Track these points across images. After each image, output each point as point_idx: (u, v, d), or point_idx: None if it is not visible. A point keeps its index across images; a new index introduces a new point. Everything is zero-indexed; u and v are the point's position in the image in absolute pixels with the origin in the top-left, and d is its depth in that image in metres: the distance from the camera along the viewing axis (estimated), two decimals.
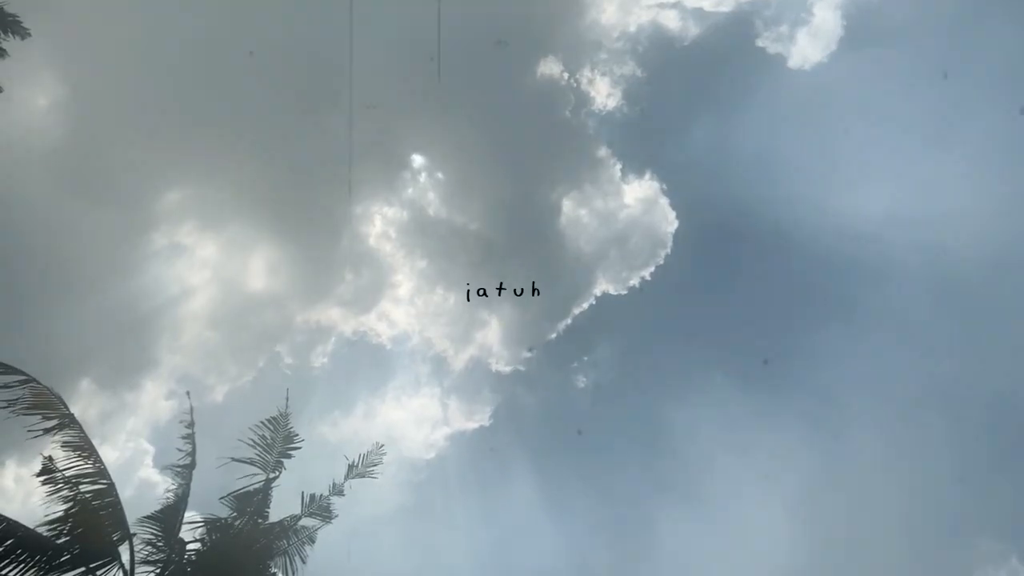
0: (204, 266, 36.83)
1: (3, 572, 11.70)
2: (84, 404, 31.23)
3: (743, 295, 44.05)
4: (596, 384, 42.92)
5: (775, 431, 38.73)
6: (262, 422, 14.81)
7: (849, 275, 41.68)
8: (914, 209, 38.24)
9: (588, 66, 42.15)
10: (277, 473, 14.72)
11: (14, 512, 12.29)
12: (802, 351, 42.03)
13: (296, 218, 37.97)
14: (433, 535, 37.68)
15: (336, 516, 15.11)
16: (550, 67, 40.26)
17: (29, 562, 12.01)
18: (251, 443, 14.69)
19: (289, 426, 15.03)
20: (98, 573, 12.82)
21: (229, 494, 14.44)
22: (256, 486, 14.68)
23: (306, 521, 15.08)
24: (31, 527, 12.32)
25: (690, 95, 45.20)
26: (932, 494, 36.63)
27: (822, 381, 40.84)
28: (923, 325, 39.89)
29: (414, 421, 41.49)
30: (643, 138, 45.07)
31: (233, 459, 14.40)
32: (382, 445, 15.82)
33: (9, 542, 11.89)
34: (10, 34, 19.82)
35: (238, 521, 14.19)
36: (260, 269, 38.57)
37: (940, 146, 39.23)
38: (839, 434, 39.23)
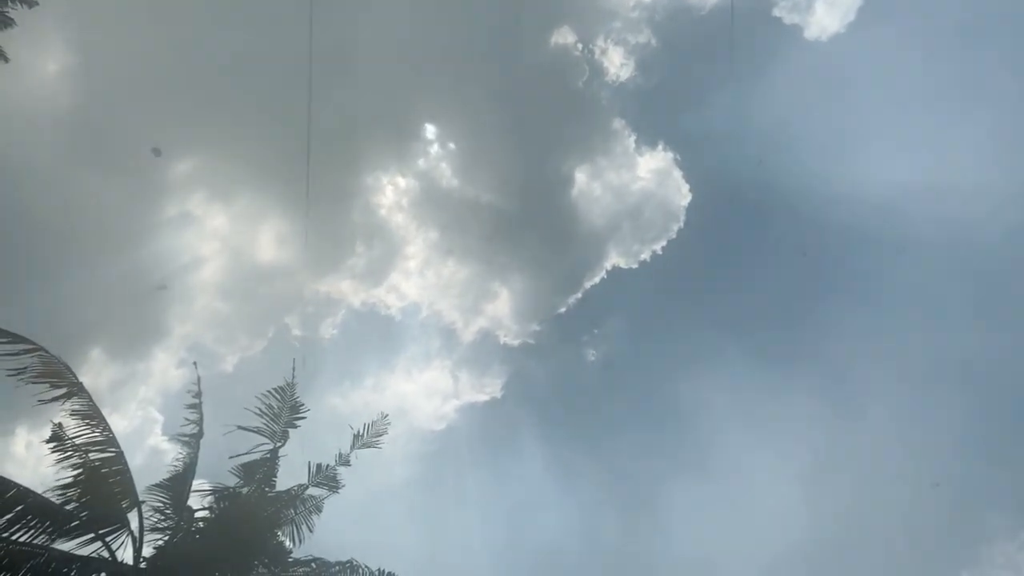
0: (214, 236, 36.88)
1: (14, 537, 11.85)
2: (95, 373, 31.49)
3: (757, 270, 43.72)
4: (606, 357, 42.90)
5: (788, 405, 38.67)
6: (269, 391, 14.86)
7: (866, 248, 41.29)
8: (932, 182, 37.68)
9: (602, 36, 41.60)
10: (282, 442, 14.79)
11: (25, 479, 12.48)
12: (817, 325, 41.78)
13: (306, 189, 37.84)
14: (443, 506, 38.00)
15: (343, 486, 15.21)
16: (564, 36, 39.72)
17: (39, 528, 12.17)
18: (258, 412, 14.74)
19: (295, 396, 15.08)
20: (107, 539, 12.97)
21: (236, 455, 14.51)
22: (264, 455, 14.76)
23: (313, 491, 15.19)
24: (41, 493, 12.47)
25: (705, 66, 44.56)
26: (944, 468, 36.55)
27: (836, 355, 40.64)
28: (939, 298, 39.55)
29: (424, 393, 41.67)
30: (657, 110, 44.59)
31: (239, 427, 14.47)
32: (387, 415, 15.88)
33: (19, 508, 12.05)
34: (18, 3, 19.74)
35: (245, 490, 14.29)
36: (270, 240, 38.60)
37: (959, 118, 38.58)
38: (852, 408, 39.11)
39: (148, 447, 31.34)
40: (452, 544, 36.29)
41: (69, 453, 13.10)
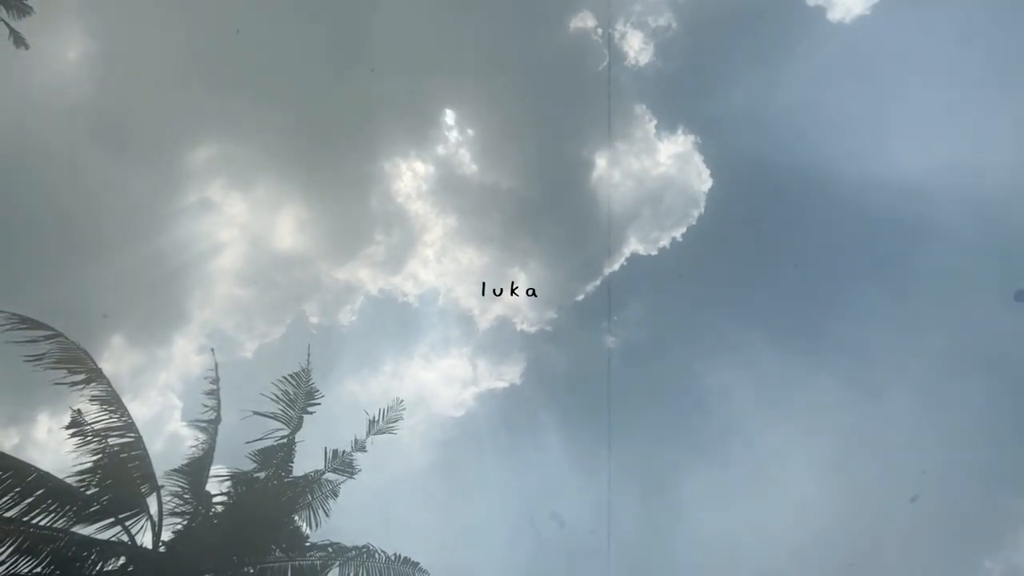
0: (234, 223, 37.02)
1: (34, 521, 11.96)
2: (116, 360, 31.81)
3: (779, 256, 43.15)
4: (625, 345, 42.65)
5: (812, 392, 38.33)
6: (284, 377, 14.93)
7: (890, 232, 40.69)
8: (960, 166, 36.99)
9: (622, 19, 41.15)
10: (298, 428, 14.84)
11: (47, 464, 12.61)
12: (841, 312, 41.25)
13: (325, 176, 37.93)
14: (462, 492, 38.09)
15: (359, 471, 15.27)
16: (584, 20, 39.32)
17: (59, 512, 12.28)
18: (274, 398, 14.81)
19: (311, 382, 15.14)
20: (127, 523, 13.08)
21: (253, 440, 14.57)
22: (279, 440, 14.82)
23: (331, 476, 15.25)
24: (61, 478, 12.58)
25: (727, 49, 43.94)
26: (968, 454, 36.10)
27: (861, 341, 40.13)
28: (965, 282, 38.90)
29: (443, 380, 41.72)
30: (677, 94, 44.05)
31: (256, 413, 14.54)
32: (402, 401, 15.91)
33: (40, 492, 12.16)
34: None
35: (262, 475, 14.36)
36: (290, 227, 38.72)
37: (988, 100, 37.78)
38: (877, 394, 38.67)
39: (168, 433, 31.64)
40: (471, 529, 36.44)
41: (88, 438, 13.20)
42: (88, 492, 12.81)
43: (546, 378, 42.98)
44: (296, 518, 14.61)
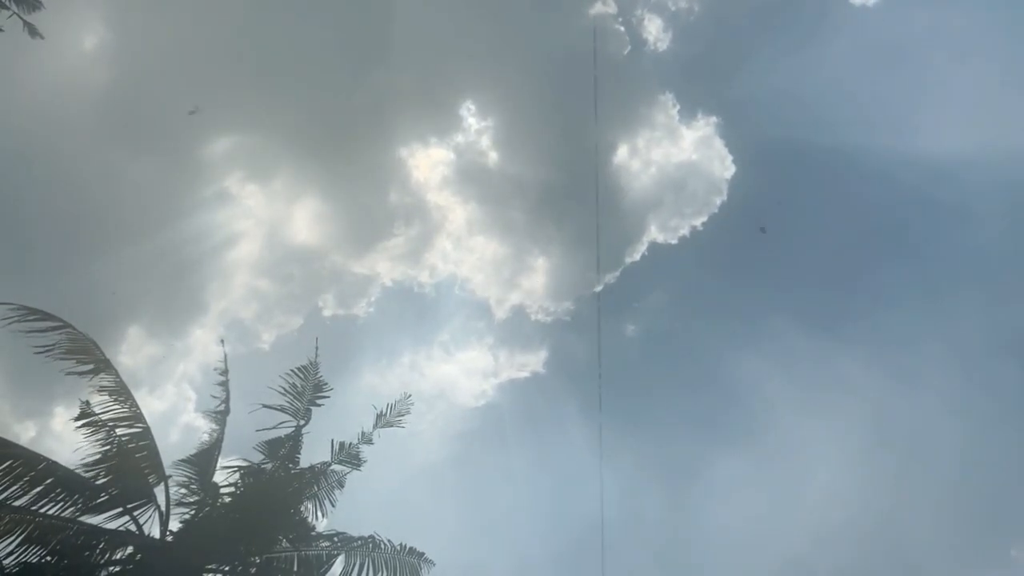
0: (251, 215, 37.12)
1: (43, 511, 12.10)
2: (133, 351, 32.07)
3: (804, 243, 42.42)
4: (646, 336, 42.30)
5: (839, 379, 37.83)
6: (292, 370, 14.99)
7: (919, 216, 39.97)
8: (989, 146, 36.16)
9: (642, 4, 40.67)
10: (306, 420, 14.89)
11: (63, 455, 12.77)
12: (868, 296, 40.54)
13: (343, 167, 37.93)
14: (483, 481, 38.11)
15: (365, 463, 15.29)
16: (604, 6, 38.86)
17: (67, 501, 12.41)
18: (282, 391, 14.86)
19: (318, 375, 15.17)
20: (135, 513, 13.19)
21: (261, 429, 14.63)
22: (288, 432, 14.88)
23: (337, 467, 15.27)
24: (70, 468, 12.70)
25: (748, 34, 43.27)
26: (996, 441, 35.49)
27: (888, 326, 39.48)
28: (998, 266, 38.14)
29: (463, 370, 41.56)
30: (699, 79, 43.49)
31: (264, 405, 14.62)
32: (409, 395, 15.92)
33: (49, 481, 12.29)
34: None
35: (269, 466, 14.43)
36: (307, 218, 38.76)
37: (1015, 82, 36.88)
38: (906, 380, 38.05)
39: (183, 424, 31.88)
40: (492, 520, 36.44)
41: (96, 429, 13.31)
42: (97, 482, 12.92)
43: (565, 368, 42.72)
44: (303, 508, 14.66)
